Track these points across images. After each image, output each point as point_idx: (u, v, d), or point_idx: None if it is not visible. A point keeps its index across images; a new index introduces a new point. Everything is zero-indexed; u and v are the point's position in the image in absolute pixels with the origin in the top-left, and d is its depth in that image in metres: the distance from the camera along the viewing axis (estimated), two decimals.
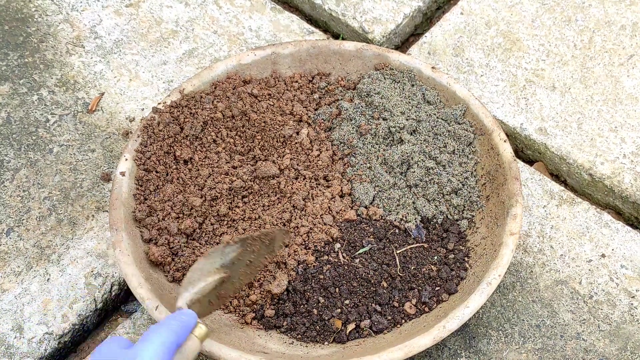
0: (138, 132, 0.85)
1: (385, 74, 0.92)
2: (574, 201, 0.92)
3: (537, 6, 1.08)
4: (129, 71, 1.02)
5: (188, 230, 0.81)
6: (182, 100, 0.88)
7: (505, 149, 0.84)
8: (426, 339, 0.71)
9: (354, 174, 0.86)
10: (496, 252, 0.77)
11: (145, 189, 0.83)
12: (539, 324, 0.83)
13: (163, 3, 1.09)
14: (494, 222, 0.82)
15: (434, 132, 0.88)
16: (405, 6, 1.08)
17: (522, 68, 1.02)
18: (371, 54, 0.92)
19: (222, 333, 0.74)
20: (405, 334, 0.75)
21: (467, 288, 0.77)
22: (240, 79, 0.91)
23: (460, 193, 0.85)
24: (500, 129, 0.86)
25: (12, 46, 1.03)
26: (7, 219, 0.88)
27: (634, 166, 0.93)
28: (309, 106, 0.91)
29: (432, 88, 0.91)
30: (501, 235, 0.78)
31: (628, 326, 0.83)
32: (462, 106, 0.89)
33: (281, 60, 0.92)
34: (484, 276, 0.75)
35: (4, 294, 0.83)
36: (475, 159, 0.87)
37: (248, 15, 1.08)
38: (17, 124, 0.96)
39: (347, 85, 0.93)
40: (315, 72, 0.94)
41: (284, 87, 0.92)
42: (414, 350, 0.70)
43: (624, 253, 0.88)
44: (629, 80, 1.01)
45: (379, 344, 0.75)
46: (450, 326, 0.71)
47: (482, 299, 0.73)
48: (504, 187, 0.82)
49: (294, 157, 0.87)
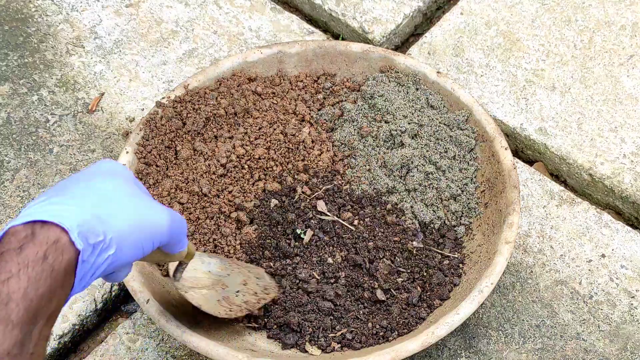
0: (140, 125, 0.85)
1: (390, 76, 0.91)
2: (574, 201, 0.92)
3: (537, 6, 1.08)
4: (129, 71, 1.02)
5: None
6: (186, 96, 0.88)
7: (506, 157, 0.83)
8: (414, 344, 0.71)
9: (353, 175, 0.86)
10: (490, 260, 0.76)
11: (144, 182, 0.83)
12: (539, 324, 0.83)
13: (163, 3, 1.09)
14: (490, 229, 0.81)
15: (436, 137, 0.87)
16: (405, 6, 1.08)
17: (522, 68, 1.02)
18: (377, 56, 0.92)
19: (212, 329, 0.74)
20: (395, 339, 0.75)
21: (460, 295, 0.77)
22: (246, 76, 0.91)
23: (458, 199, 0.85)
24: (502, 136, 0.85)
25: (12, 46, 1.03)
26: (7, 219, 0.88)
27: (634, 166, 0.93)
28: (313, 106, 0.91)
29: (436, 92, 0.90)
30: (496, 243, 0.77)
31: (628, 326, 0.83)
32: (465, 112, 0.88)
33: (287, 59, 0.92)
34: (476, 284, 0.74)
35: None
36: (475, 165, 0.87)
37: (248, 15, 1.08)
38: (17, 124, 0.96)
39: (352, 87, 0.93)
40: (320, 72, 0.94)
41: (289, 86, 0.92)
42: (401, 355, 0.70)
43: (624, 253, 0.88)
44: (629, 80, 1.01)
45: (366, 347, 0.75)
46: (439, 332, 0.71)
47: (473, 307, 0.73)
48: (502, 195, 0.81)
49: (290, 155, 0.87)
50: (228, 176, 0.84)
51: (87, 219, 0.48)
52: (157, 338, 0.82)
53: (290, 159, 0.86)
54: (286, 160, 0.86)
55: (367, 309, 0.78)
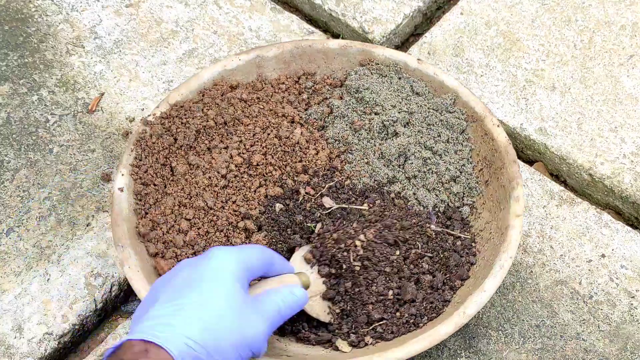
0: (131, 145, 0.83)
1: (372, 69, 0.92)
2: (574, 201, 0.92)
3: (537, 6, 1.08)
4: (129, 71, 1.02)
5: (193, 242, 0.80)
6: (171, 111, 0.86)
7: (499, 133, 0.84)
8: (447, 326, 0.71)
9: (353, 170, 0.86)
10: (504, 235, 0.78)
11: (145, 203, 0.81)
12: (539, 324, 0.83)
13: (163, 3, 1.09)
14: (496, 206, 0.82)
15: (427, 123, 0.88)
16: (405, 6, 1.08)
17: (522, 68, 1.02)
18: (355, 50, 0.92)
19: None
20: (425, 324, 0.76)
21: (480, 273, 0.77)
22: (227, 84, 0.90)
23: (458, 180, 0.85)
24: (492, 114, 0.86)
25: (12, 46, 1.03)
26: (7, 219, 0.88)
27: (634, 166, 0.93)
28: (299, 106, 0.91)
29: (419, 80, 0.91)
30: (506, 219, 0.79)
31: (628, 326, 0.83)
32: (451, 95, 0.89)
33: (266, 63, 0.92)
34: (495, 260, 0.76)
35: (3, 294, 0.83)
36: (469, 145, 0.87)
37: (248, 15, 1.08)
38: (17, 124, 0.96)
39: (333, 83, 0.93)
40: (300, 73, 0.93)
41: (272, 89, 0.91)
42: (437, 339, 0.71)
43: (624, 253, 0.88)
44: (628, 80, 1.01)
45: (398, 337, 0.75)
46: (469, 312, 0.72)
47: (497, 282, 0.74)
48: (502, 171, 0.82)
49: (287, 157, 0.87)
50: (230, 186, 0.84)
51: (192, 346, 0.56)
52: None
53: (287, 161, 0.86)
54: (284, 163, 0.86)
55: (394, 297, 0.78)
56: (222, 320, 0.59)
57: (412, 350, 0.70)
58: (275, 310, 0.65)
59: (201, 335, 0.57)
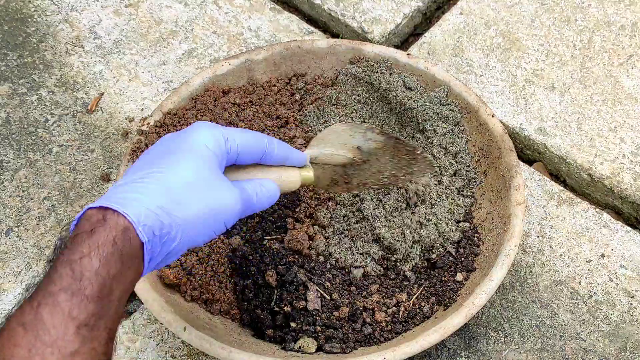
0: (127, 156, 0.82)
1: (362, 66, 0.92)
2: (574, 201, 0.92)
3: (536, 6, 1.08)
4: (129, 71, 1.02)
5: (196, 248, 0.80)
6: (165, 119, 0.86)
7: (494, 124, 0.85)
8: (458, 317, 0.71)
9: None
10: (507, 224, 0.78)
11: None
12: (539, 324, 0.83)
13: (162, 3, 1.09)
14: (496, 195, 0.82)
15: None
16: (405, 6, 1.08)
17: (521, 68, 1.02)
18: (344, 48, 0.92)
19: (253, 344, 0.74)
20: (435, 317, 0.76)
21: (485, 263, 0.78)
22: (219, 89, 0.90)
23: (459, 173, 0.86)
24: (486, 105, 0.86)
25: (11, 46, 1.03)
26: (7, 219, 0.88)
27: (634, 166, 0.93)
28: (293, 108, 0.91)
29: (410, 74, 0.91)
30: (508, 207, 0.79)
31: (627, 326, 0.83)
32: (444, 88, 0.89)
33: (255, 66, 0.92)
34: (500, 249, 0.76)
35: (3, 294, 0.83)
36: (465, 137, 0.87)
37: (247, 15, 1.08)
38: (17, 124, 0.96)
39: (324, 83, 0.93)
40: (291, 74, 0.93)
41: (264, 92, 0.91)
42: (449, 330, 0.71)
43: (624, 253, 0.88)
44: (628, 80, 1.01)
45: (411, 331, 0.75)
46: (479, 302, 0.72)
47: (503, 271, 0.74)
48: (500, 161, 0.83)
49: None
50: None
51: (154, 211, 0.52)
52: (156, 338, 0.82)
53: None
54: None
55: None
56: (189, 188, 0.55)
57: (426, 344, 0.70)
58: (248, 194, 0.61)
59: (164, 199, 0.53)
